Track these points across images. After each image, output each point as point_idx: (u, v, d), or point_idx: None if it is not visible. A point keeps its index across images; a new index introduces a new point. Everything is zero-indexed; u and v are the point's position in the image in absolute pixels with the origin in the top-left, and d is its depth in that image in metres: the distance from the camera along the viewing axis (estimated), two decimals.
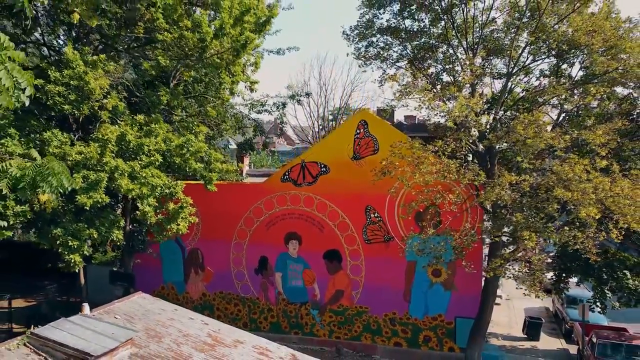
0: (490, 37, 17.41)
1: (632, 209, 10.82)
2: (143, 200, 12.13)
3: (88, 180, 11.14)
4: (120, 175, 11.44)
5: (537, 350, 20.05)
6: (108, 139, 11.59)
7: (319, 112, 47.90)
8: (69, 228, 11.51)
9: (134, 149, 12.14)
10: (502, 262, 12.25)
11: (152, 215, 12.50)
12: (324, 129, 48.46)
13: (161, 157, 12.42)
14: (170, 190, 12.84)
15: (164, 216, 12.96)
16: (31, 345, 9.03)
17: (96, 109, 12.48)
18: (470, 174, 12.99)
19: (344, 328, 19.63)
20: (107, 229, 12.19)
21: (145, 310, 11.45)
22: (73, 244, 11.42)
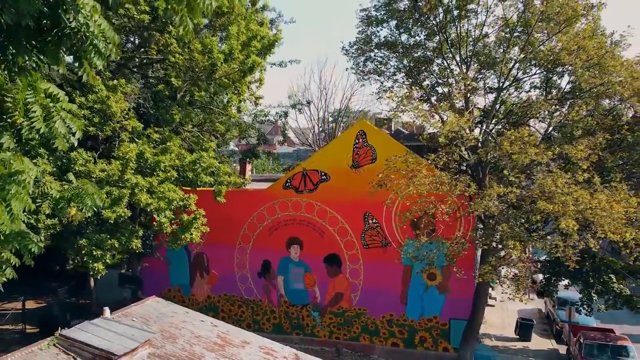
0: (483, 52, 18.42)
1: (609, 220, 11.81)
2: (160, 213, 13.19)
3: (111, 196, 12.16)
4: (140, 191, 12.52)
5: (528, 351, 21.07)
6: (129, 158, 12.65)
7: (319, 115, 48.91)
8: (92, 239, 12.57)
9: (151, 165, 13.21)
10: (490, 268, 13.25)
11: (168, 226, 13.55)
12: (324, 131, 49.46)
13: (176, 173, 13.49)
14: (184, 203, 13.90)
15: (178, 226, 14.00)
16: (60, 345, 10.04)
17: (117, 129, 13.54)
18: (461, 186, 14.00)
19: (344, 329, 20.65)
20: (127, 238, 13.24)
21: (160, 314, 12.47)
22: (97, 253, 12.48)
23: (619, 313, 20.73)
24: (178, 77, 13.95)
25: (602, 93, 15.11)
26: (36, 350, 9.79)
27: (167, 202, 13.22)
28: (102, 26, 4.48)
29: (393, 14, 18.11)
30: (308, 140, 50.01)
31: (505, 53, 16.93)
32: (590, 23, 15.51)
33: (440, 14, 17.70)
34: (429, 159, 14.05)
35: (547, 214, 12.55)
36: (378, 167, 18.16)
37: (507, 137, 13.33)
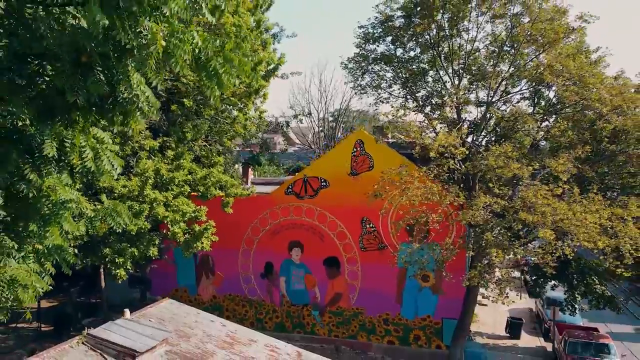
0: (475, 64, 19.61)
1: (582, 230, 13.06)
2: (174, 224, 14.49)
3: (132, 210, 13.41)
4: (157, 205, 13.81)
5: (518, 348, 22.39)
6: (148, 175, 13.93)
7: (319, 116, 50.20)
8: (115, 247, 13.87)
9: (166, 181, 14.48)
10: (476, 273, 14.51)
11: (181, 236, 14.86)
12: (323, 131, 50.70)
13: (189, 188, 14.77)
14: (196, 215, 15.20)
15: (190, 236, 15.31)
16: (88, 343, 11.32)
17: (137, 148, 14.79)
18: (451, 196, 15.27)
19: (342, 328, 21.96)
20: (145, 247, 14.55)
21: (174, 314, 13.75)
22: (119, 261, 13.78)
23: (606, 312, 21.94)
24: (189, 97, 15.22)
25: (583, 109, 16.34)
26: (67, 348, 11.07)
27: (181, 214, 14.55)
28: (147, 94, 5.73)
29: (389, 31, 19.30)
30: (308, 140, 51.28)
31: (495, 67, 18.12)
32: (573, 42, 16.71)
33: (433, 30, 18.87)
34: (421, 171, 15.31)
35: (528, 224, 13.82)
36: (375, 174, 19.41)
37: (492, 152, 14.58)
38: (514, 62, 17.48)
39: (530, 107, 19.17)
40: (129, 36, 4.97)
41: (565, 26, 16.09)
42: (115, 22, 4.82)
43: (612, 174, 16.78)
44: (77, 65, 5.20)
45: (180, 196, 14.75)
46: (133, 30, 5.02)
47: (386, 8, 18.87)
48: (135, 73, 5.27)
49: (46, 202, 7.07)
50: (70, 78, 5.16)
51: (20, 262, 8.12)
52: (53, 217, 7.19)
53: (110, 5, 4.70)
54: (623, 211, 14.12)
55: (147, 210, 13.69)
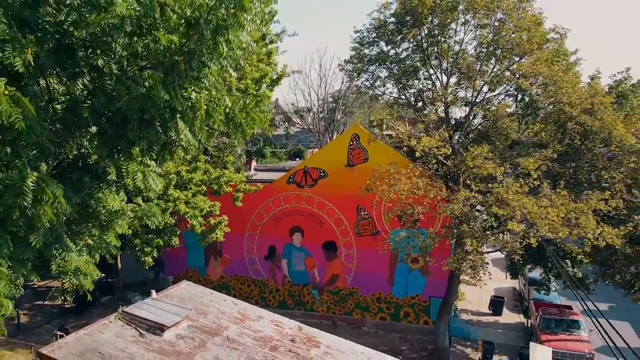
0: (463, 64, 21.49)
1: (546, 222, 15.22)
2: (193, 219, 16.69)
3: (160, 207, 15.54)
4: (179, 203, 15.97)
5: (499, 324, 24.82)
6: (171, 178, 16.04)
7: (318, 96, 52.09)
8: (143, 238, 16.08)
9: (186, 181, 16.61)
10: (455, 259, 16.76)
11: (199, 228, 17.07)
12: (323, 111, 52.61)
13: (205, 187, 16.92)
14: (211, 210, 17.40)
15: (206, 228, 17.52)
16: (123, 319, 13.62)
17: None
18: (434, 190, 17.42)
19: (339, 305, 24.39)
20: (169, 237, 16.80)
21: (192, 295, 16.04)
22: (147, 250, 16.03)
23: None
24: None
25: (556, 112, 18.36)
26: (107, 323, 13.38)
27: (199, 210, 16.75)
28: (188, 137, 7.84)
29: (383, 35, 21.15)
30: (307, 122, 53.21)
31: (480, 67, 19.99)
32: (552, 47, 18.59)
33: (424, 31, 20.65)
34: (408, 168, 17.44)
35: (500, 217, 15.99)
36: (369, 166, 21.63)
37: (471, 152, 16.66)
38: (493, 69, 19.39)
39: (514, 103, 21.19)
40: (180, 102, 7.08)
41: (540, 37, 17.96)
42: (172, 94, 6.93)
43: (580, 171, 18.86)
44: (141, 120, 7.32)
45: (198, 194, 16.97)
46: (183, 97, 7.14)
47: (380, 15, 20.68)
48: (183, 125, 7.39)
49: (104, 212, 9.26)
50: (137, 131, 7.28)
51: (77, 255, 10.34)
52: (109, 224, 9.37)
53: (168, 85, 6.80)
54: (584, 205, 16.26)
55: (172, 208, 15.88)
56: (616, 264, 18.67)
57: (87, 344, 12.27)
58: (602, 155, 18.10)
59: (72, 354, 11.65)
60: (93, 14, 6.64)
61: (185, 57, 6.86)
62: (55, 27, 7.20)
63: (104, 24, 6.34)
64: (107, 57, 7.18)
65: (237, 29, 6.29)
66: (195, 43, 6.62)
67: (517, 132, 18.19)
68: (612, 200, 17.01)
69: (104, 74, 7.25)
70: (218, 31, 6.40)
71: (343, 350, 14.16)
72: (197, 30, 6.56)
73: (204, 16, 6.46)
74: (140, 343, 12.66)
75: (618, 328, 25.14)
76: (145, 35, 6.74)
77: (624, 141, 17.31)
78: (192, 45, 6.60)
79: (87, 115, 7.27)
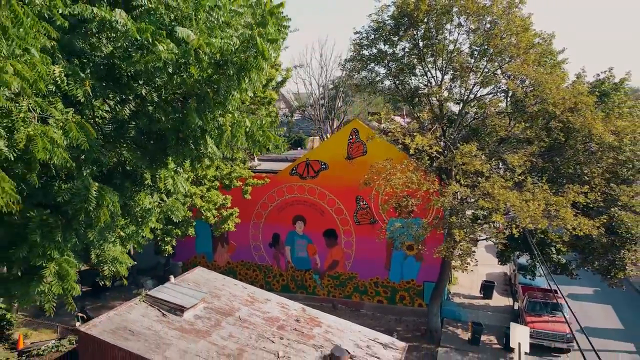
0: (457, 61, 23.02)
1: (526, 214, 16.95)
2: (208, 211, 18.47)
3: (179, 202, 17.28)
4: (195, 197, 17.71)
5: (489, 307, 26.77)
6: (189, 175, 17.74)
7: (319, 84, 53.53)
8: (163, 229, 17.84)
9: (201, 177, 18.32)
10: (445, 248, 18.55)
11: (212, 219, 18.86)
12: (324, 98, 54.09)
13: (218, 182, 18.63)
14: (223, 202, 19.17)
15: (219, 219, 19.29)
16: (147, 302, 15.47)
17: None
18: (427, 184, 19.13)
19: (339, 289, 26.29)
20: (185, 228, 18.58)
21: (206, 279, 17.88)
22: (167, 239, 17.83)
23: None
24: None
25: (540, 111, 19.97)
26: (133, 305, 15.24)
27: (213, 203, 18.52)
28: (214, 150, 9.54)
29: (381, 36, 22.66)
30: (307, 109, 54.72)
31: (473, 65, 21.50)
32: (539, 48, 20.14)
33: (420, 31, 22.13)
34: (402, 163, 19.15)
35: (485, 210, 17.75)
36: (368, 159, 23.41)
37: (460, 150, 18.34)
38: (485, 67, 20.95)
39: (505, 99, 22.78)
40: (209, 125, 8.78)
41: (527, 41, 19.51)
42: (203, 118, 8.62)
43: (563, 165, 20.54)
44: (177, 138, 9.03)
45: (211, 189, 18.71)
46: (212, 120, 8.83)
47: (378, 17, 22.18)
48: (211, 142, 9.09)
49: (139, 210, 11.00)
50: (174, 147, 8.99)
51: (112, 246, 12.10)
52: (143, 220, 11.12)
53: (200, 111, 8.49)
54: (563, 198, 17.99)
55: (189, 202, 17.63)
56: (594, 252, 20.45)
57: (118, 322, 14.13)
58: (583, 152, 19.77)
59: (105, 331, 13.50)
60: (138, 53, 8.31)
61: (213, 88, 8.54)
62: (106, 60, 8.86)
63: (150, 65, 8.00)
64: (149, 87, 8.87)
65: (257, 71, 7.96)
66: (223, 79, 8.29)
67: (504, 129, 19.84)
68: (592, 194, 18.75)
69: (146, 101, 8.93)
70: (242, 71, 8.06)
71: (342, 329, 16.05)
72: (224, 69, 8.23)
73: (230, 58, 8.12)
74: (163, 322, 14.53)
75: (601, 310, 27.30)
76: (182, 72, 8.42)
77: (603, 139, 18.96)
78: (220, 81, 8.27)
79: (133, 134, 8.96)
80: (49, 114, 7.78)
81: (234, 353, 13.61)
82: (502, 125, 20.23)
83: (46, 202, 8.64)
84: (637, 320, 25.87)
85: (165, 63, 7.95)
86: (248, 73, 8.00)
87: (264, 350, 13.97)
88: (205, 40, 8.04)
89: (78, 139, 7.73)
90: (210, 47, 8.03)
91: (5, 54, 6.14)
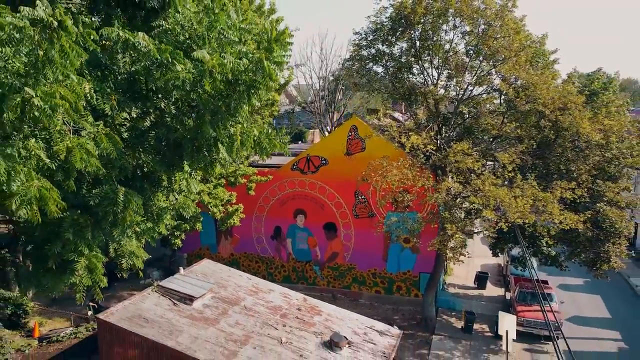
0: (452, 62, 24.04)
1: (514, 210, 18.07)
2: (215, 207, 19.62)
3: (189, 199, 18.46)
4: (204, 194, 18.84)
5: (482, 297, 28.01)
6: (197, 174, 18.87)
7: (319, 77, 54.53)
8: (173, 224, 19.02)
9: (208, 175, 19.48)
10: (438, 241, 19.69)
11: (219, 214, 20.03)
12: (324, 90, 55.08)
13: (224, 180, 19.79)
14: (229, 199, 20.33)
15: (225, 214, 20.47)
16: (159, 292, 16.65)
17: None
18: (422, 180, 20.25)
19: (338, 280, 27.51)
20: (194, 222, 19.76)
21: (212, 271, 19.06)
22: (177, 234, 19.02)
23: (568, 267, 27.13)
24: None
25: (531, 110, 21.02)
26: (146, 295, 16.42)
27: (220, 200, 19.68)
28: (225, 157, 10.66)
29: (379, 36, 23.65)
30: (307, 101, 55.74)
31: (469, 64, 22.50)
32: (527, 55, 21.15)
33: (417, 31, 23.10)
34: (399, 160, 20.26)
35: (476, 205, 18.89)
36: (366, 154, 24.51)
37: (453, 149, 19.44)
38: (480, 67, 21.97)
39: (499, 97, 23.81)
40: (221, 134, 9.88)
41: (518, 44, 20.53)
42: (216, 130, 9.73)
43: (552, 162, 21.63)
44: (193, 146, 10.14)
45: (218, 186, 19.87)
46: (223, 130, 9.94)
47: (376, 19, 23.17)
48: (223, 149, 10.20)
49: (155, 209, 12.14)
50: (190, 154, 10.11)
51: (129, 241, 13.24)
52: (159, 218, 12.26)
53: (214, 123, 9.60)
54: (551, 194, 19.11)
55: (198, 199, 18.78)
56: (580, 245, 21.61)
57: (133, 311, 15.32)
58: (571, 149, 20.85)
59: (122, 319, 14.70)
60: (159, 71, 9.38)
61: (225, 103, 9.63)
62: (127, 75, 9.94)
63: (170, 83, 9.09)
64: (167, 100, 9.96)
65: (265, 90, 9.06)
66: (234, 95, 9.39)
67: (496, 128, 20.93)
68: (579, 190, 19.88)
69: (164, 113, 10.04)
70: (251, 89, 9.16)
71: (341, 318, 17.27)
72: (235, 87, 9.32)
73: (240, 77, 9.21)
74: (174, 311, 15.72)
75: (590, 300, 28.53)
76: (197, 88, 9.51)
77: (590, 137, 20.04)
78: (232, 97, 9.37)
79: (153, 142, 10.07)
80: (81, 127, 8.89)
81: (241, 339, 14.81)
82: (495, 124, 21.30)
83: (77, 203, 9.76)
84: (624, 309, 27.13)
85: (184, 81, 9.03)
86: (257, 91, 9.09)
87: (268, 337, 15.17)
88: (218, 62, 9.12)
89: (108, 149, 8.83)
90: (223, 68, 9.12)
91: (51, 79, 7.23)
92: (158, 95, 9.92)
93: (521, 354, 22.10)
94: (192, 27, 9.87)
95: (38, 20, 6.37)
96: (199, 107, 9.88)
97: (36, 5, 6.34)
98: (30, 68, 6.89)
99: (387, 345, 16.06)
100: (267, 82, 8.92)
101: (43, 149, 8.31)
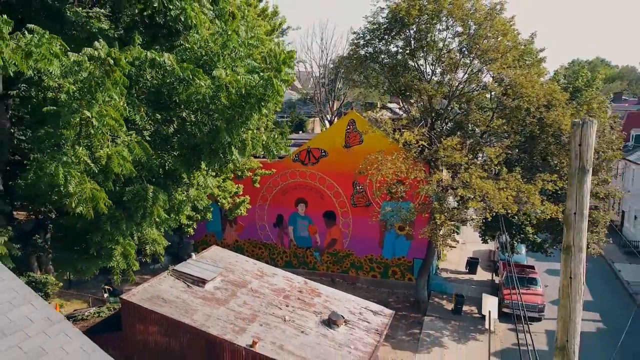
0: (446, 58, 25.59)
1: (498, 201, 19.79)
2: (224, 199, 21.38)
3: None
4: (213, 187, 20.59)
5: (473, 281, 29.89)
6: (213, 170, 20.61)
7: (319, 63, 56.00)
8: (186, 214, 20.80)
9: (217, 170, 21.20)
10: (429, 229, 21.45)
11: (227, 205, 21.81)
12: (324, 77, 56.57)
13: (232, 173, 21.57)
14: (236, 191, 22.08)
15: (233, 205, 22.25)
16: (173, 276, 18.42)
17: None
18: (415, 172, 21.95)
19: (337, 265, 29.36)
20: (205, 213, 21.53)
21: (221, 257, 20.83)
22: (189, 223, 20.80)
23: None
24: None
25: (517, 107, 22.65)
26: (162, 278, 18.19)
27: (228, 192, 21.43)
28: (238, 158, 12.36)
29: (376, 36, 25.19)
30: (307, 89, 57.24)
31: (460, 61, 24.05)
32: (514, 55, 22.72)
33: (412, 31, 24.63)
34: (392, 154, 21.95)
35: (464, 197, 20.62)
36: (364, 147, 26.17)
37: (443, 144, 21.11)
38: (471, 63, 23.55)
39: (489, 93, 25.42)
40: (235, 139, 11.58)
41: (505, 46, 22.09)
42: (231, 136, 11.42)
43: (536, 156, 23.31)
44: (210, 150, 11.84)
45: (226, 179, 21.61)
46: (236, 136, 11.63)
47: (373, 19, 24.69)
48: (236, 152, 11.90)
49: (177, 202, 13.86)
50: (207, 156, 11.80)
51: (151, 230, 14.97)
52: (179, 210, 13.99)
53: (229, 131, 11.28)
54: (533, 186, 20.81)
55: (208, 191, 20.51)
56: (561, 233, 23.32)
57: (151, 292, 17.11)
58: (555, 144, 22.51)
59: (143, 299, 16.49)
60: (181, 86, 11.05)
61: (238, 112, 11.31)
62: (153, 89, 11.60)
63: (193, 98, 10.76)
64: (188, 110, 11.64)
65: (273, 103, 10.73)
66: (246, 106, 11.06)
67: (485, 124, 22.59)
68: (560, 182, 21.58)
69: (186, 121, 11.72)
70: (261, 101, 10.83)
71: (339, 299, 19.11)
72: (247, 99, 11.00)
73: (252, 92, 10.88)
74: (188, 292, 17.52)
75: None
76: (215, 100, 11.18)
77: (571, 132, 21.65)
78: (244, 107, 11.04)
79: (176, 147, 11.77)
80: (116, 135, 10.59)
81: (249, 317, 16.64)
82: (484, 119, 22.94)
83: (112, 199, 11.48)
84: (605, 292, 29.02)
85: (204, 95, 10.70)
86: (266, 103, 10.77)
87: (273, 315, 17.00)
88: (233, 78, 10.78)
89: (139, 155, 10.53)
90: (237, 83, 10.77)
91: (101, 101, 8.91)
92: (180, 106, 11.58)
93: (506, 333, 24.03)
94: (208, 46, 11.51)
95: (96, 58, 8.03)
96: (215, 116, 11.55)
97: (95, 47, 8.00)
98: (85, 92, 8.56)
99: (380, 323, 17.89)
100: (275, 96, 10.59)
101: (87, 156, 10.02)
